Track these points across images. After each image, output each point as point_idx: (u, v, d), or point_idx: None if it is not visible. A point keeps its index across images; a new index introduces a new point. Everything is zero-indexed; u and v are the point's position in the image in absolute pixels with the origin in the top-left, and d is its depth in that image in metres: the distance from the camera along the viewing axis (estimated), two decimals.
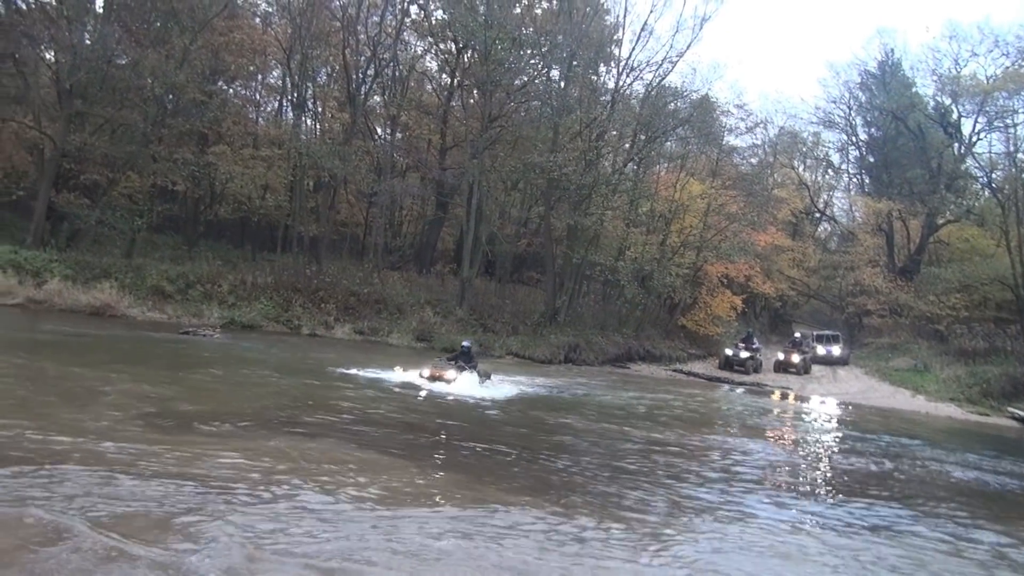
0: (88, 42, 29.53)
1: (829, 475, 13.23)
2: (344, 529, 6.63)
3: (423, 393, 16.45)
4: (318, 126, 39.55)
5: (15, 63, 29.97)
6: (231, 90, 39.37)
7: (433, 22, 40.10)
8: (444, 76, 42.63)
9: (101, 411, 10.22)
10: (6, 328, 19.36)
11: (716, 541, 7.93)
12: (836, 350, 40.03)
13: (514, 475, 9.84)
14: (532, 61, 36.19)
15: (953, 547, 8.71)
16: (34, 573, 4.88)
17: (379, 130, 42.62)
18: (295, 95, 36.44)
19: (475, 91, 39.29)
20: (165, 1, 31.73)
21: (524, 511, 7.98)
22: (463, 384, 17.57)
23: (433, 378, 17.62)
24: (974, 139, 47.47)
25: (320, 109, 39.20)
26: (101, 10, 32.13)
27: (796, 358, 35.85)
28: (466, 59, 38.64)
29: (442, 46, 40.85)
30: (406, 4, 38.64)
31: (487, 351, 29.28)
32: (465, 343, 19.80)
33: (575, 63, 35.22)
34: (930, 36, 70.06)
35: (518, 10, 38.59)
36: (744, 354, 34.56)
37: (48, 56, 31.27)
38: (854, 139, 57.29)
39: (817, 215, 58.15)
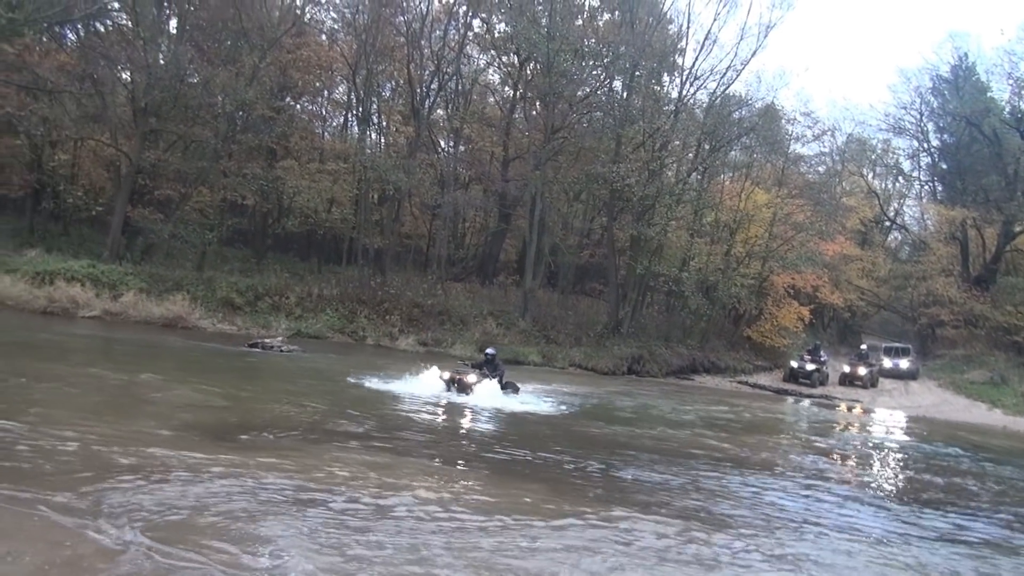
0: (162, 62, 30.47)
1: (910, 488, 12.88)
2: (464, 540, 6.75)
3: (443, 402, 15.87)
4: (383, 140, 40.09)
5: (94, 83, 31.10)
6: (298, 106, 40.17)
7: (496, 35, 40.39)
8: (507, 88, 42.90)
9: (179, 420, 10.51)
10: (85, 339, 20.03)
11: (827, 553, 7.91)
12: (904, 363, 38.78)
13: (592, 486, 9.84)
14: (594, 72, 36.19)
15: None
16: None
17: (442, 143, 43.02)
18: (360, 109, 37.02)
19: (537, 103, 39.41)
20: (235, 21, 32.54)
21: (631, 522, 8.05)
22: (484, 393, 16.59)
23: (453, 381, 16.89)
24: None
25: (385, 123, 39.72)
26: (175, 31, 33.21)
27: (862, 371, 35.02)
28: (528, 71, 38.79)
29: (505, 59, 41.12)
30: (469, 18, 39.04)
31: (550, 362, 29.29)
32: (489, 350, 18.72)
33: (638, 73, 35.09)
34: (1005, 39, 67.47)
35: (580, 22, 38.64)
36: (810, 366, 33.87)
37: (124, 76, 32.34)
38: (926, 145, 55.75)
39: (887, 224, 56.78)
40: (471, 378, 16.86)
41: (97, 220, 33.10)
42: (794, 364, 34.39)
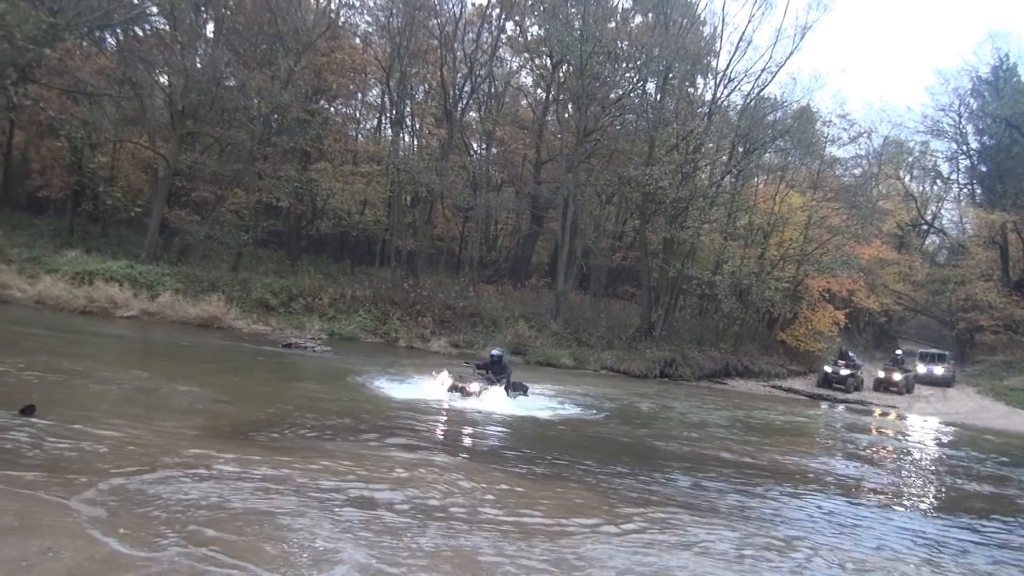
0: (199, 65, 30.89)
1: (951, 496, 12.69)
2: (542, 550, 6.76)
3: (449, 406, 15.29)
4: (416, 142, 40.29)
5: (132, 87, 31.59)
6: (332, 108, 40.49)
7: (529, 38, 40.46)
8: (539, 91, 42.94)
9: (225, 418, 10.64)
10: (122, 339, 20.33)
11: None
12: (938, 370, 38.11)
13: (639, 490, 9.83)
14: (628, 74, 36.09)
15: None
16: None
17: (475, 145, 43.17)
18: (393, 112, 37.25)
19: (570, 105, 39.43)
20: (271, 24, 32.89)
21: (692, 526, 8.18)
22: (490, 401, 15.85)
23: (455, 389, 16.16)
24: None
25: (418, 125, 39.93)
26: (212, 35, 33.61)
27: (897, 376, 34.54)
28: (561, 74, 38.81)
29: (537, 61, 41.18)
30: (502, 21, 39.10)
31: (582, 365, 29.23)
32: (495, 351, 17.74)
33: (671, 75, 34.95)
34: None
35: (613, 24, 38.55)
36: (844, 371, 33.47)
37: (162, 80, 32.84)
38: (965, 148, 54.98)
39: (925, 227, 56.07)
40: (473, 387, 16.21)
41: (135, 221, 33.59)
42: (828, 369, 34.00)
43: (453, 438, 12.46)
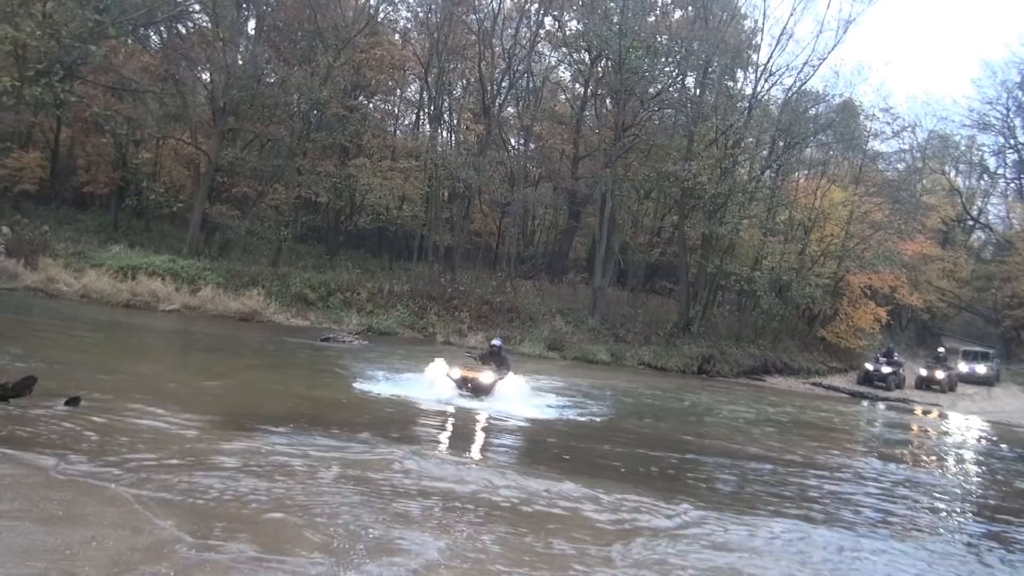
0: (240, 62, 31.25)
1: (1001, 495, 12.47)
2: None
3: (451, 409, 13.46)
4: (453, 138, 40.39)
5: (175, 83, 32.09)
6: (371, 104, 40.74)
7: (567, 32, 40.31)
8: (577, 86, 42.77)
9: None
10: (166, 332, 20.67)
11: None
12: (980, 368, 37.07)
13: (708, 486, 9.87)
14: (667, 69, 35.79)
15: None
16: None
17: (513, 141, 43.16)
18: (432, 108, 37.36)
19: (608, 100, 39.21)
20: (311, 21, 33.17)
21: (771, 522, 8.34)
22: (508, 392, 13.96)
23: (465, 381, 14.09)
24: None
25: (456, 121, 40.00)
26: (253, 32, 34.00)
27: (940, 374, 33.90)
28: (600, 68, 38.60)
29: (576, 56, 41.00)
30: (541, 16, 39.03)
31: (619, 360, 29.14)
32: (495, 341, 15.66)
33: (711, 70, 34.65)
34: None
35: (652, 18, 38.29)
36: (886, 369, 32.88)
37: (204, 76, 33.27)
38: (1012, 142, 53.63)
39: (970, 223, 54.87)
40: (486, 377, 14.08)
41: (177, 217, 34.10)
42: (869, 367, 33.45)
43: (481, 438, 12.27)
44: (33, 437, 7.92)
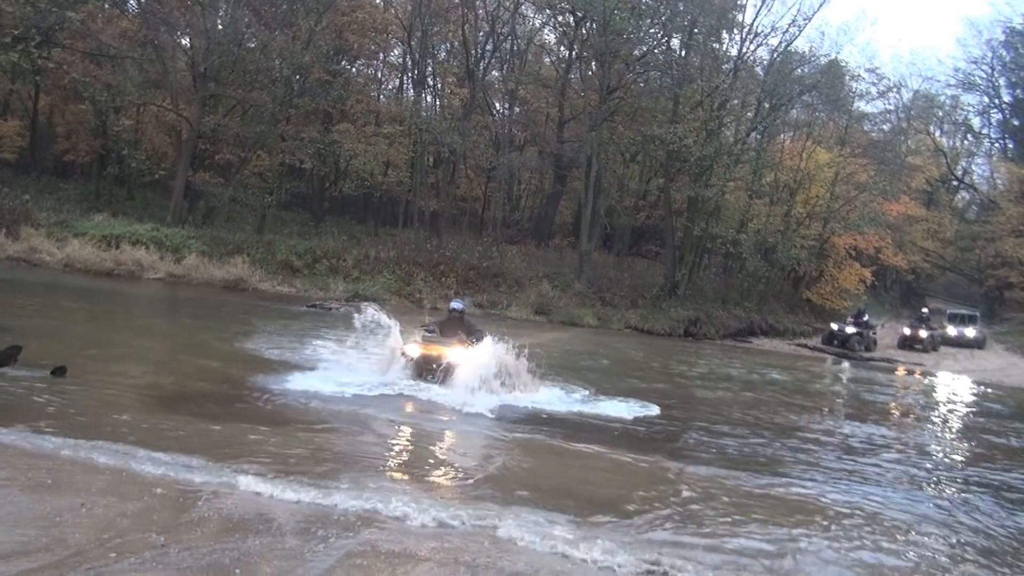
0: (220, 27, 30.87)
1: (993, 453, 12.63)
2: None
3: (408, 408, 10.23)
4: (438, 102, 40.08)
5: (155, 49, 31.63)
6: (354, 69, 40.35)
7: None
8: (562, 48, 42.42)
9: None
10: (151, 300, 20.59)
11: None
12: (969, 332, 36.75)
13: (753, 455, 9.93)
14: (652, 30, 35.52)
15: None
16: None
17: (497, 105, 42.87)
18: (415, 72, 37.01)
19: (593, 63, 38.87)
20: None
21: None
22: (485, 365, 10.67)
23: (428, 361, 10.85)
24: None
25: (440, 85, 39.69)
26: None
27: (923, 334, 33.90)
28: (584, 31, 38.24)
29: (560, 18, 40.56)
30: None
31: (605, 324, 29.23)
32: (455, 303, 12.34)
33: (696, 31, 34.42)
34: None
35: None
36: (850, 330, 31.55)
37: (184, 42, 32.83)
38: (997, 101, 53.75)
39: (955, 183, 55.05)
40: (453, 354, 10.88)
41: (160, 184, 33.85)
42: (834, 326, 32.67)
43: (498, 414, 10.33)
44: (19, 405, 7.93)
